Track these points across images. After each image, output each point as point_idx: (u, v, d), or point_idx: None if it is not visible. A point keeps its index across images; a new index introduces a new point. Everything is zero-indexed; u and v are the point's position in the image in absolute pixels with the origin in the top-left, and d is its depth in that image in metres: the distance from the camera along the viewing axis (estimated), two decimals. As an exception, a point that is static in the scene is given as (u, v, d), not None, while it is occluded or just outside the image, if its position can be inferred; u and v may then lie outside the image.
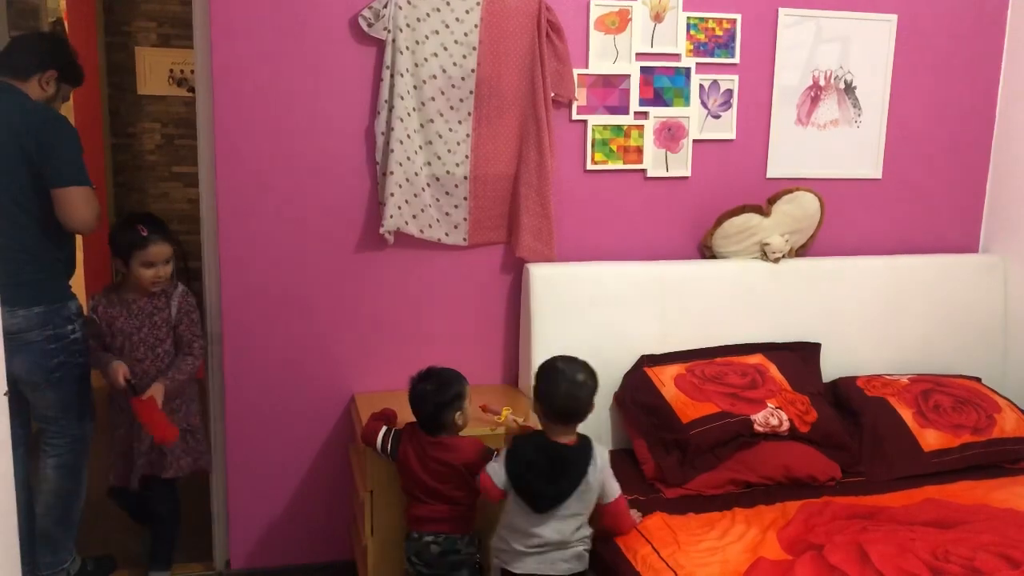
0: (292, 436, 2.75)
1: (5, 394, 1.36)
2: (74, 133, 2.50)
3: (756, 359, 2.86)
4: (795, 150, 3.10)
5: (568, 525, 2.15)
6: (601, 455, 2.20)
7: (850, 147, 3.17)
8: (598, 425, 2.82)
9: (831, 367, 3.02)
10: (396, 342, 2.85)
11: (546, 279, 2.80)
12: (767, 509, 2.40)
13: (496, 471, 2.18)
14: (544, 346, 2.74)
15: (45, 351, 2.49)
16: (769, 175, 3.09)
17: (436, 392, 2.28)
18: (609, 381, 2.80)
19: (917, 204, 3.28)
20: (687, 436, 2.56)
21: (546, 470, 2.13)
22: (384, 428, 2.36)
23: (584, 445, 2.19)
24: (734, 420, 2.60)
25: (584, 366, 2.22)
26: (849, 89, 3.13)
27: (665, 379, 2.74)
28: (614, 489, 2.22)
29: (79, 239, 2.80)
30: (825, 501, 2.45)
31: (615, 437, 2.86)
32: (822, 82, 3.10)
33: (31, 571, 2.59)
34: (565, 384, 2.17)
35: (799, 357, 2.93)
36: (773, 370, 2.81)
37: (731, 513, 2.38)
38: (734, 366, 2.81)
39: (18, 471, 2.14)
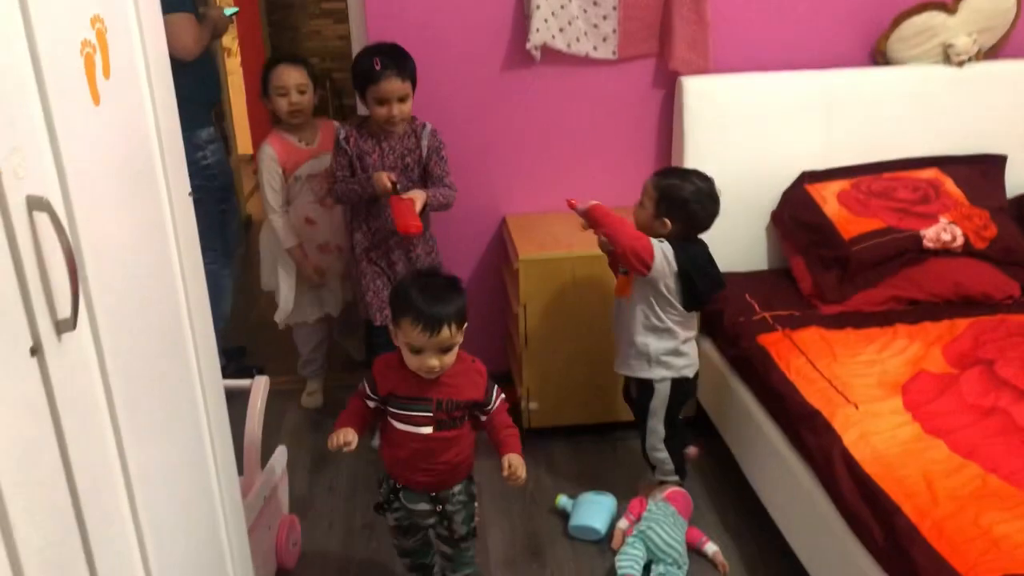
0: (448, 258, 2.84)
1: (190, 194, 1.47)
2: None
3: (930, 173, 2.66)
4: (992, -65, 2.72)
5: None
6: None
7: (1062, -73, 2.74)
8: (754, 244, 2.76)
9: (1018, 181, 2.76)
10: (545, 162, 2.84)
11: (701, 92, 2.67)
12: (933, 326, 2.30)
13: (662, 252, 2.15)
14: (698, 164, 2.64)
15: None
16: (958, -34, 2.74)
17: None
18: (766, 199, 2.72)
19: None
20: (848, 252, 2.46)
21: (708, 270, 2.19)
22: None
23: None
24: (901, 235, 2.46)
25: (712, 180, 2.20)
26: None
27: (827, 195, 2.61)
28: None
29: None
30: (1000, 319, 2.31)
31: (771, 256, 2.78)
32: None
33: None
34: (711, 205, 2.16)
35: (980, 171, 2.70)
36: (949, 184, 2.61)
37: (893, 329, 2.30)
38: (904, 181, 2.63)
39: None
